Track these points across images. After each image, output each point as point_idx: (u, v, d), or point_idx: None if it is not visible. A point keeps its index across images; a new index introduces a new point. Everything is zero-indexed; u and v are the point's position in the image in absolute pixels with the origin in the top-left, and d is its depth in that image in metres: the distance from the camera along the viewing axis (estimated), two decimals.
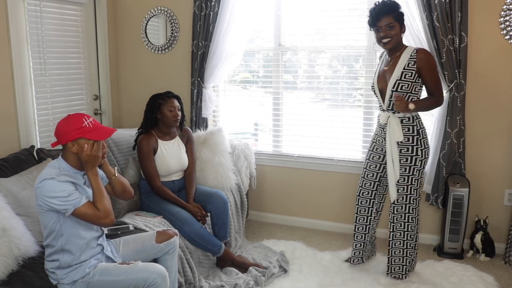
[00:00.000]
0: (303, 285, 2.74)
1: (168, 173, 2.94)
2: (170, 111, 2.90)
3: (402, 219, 2.65)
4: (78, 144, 1.91)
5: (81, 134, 1.90)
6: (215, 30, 3.44)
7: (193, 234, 2.72)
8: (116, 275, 1.97)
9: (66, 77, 3.42)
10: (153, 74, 3.90)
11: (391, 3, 2.50)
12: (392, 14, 2.47)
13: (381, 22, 2.47)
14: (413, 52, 2.48)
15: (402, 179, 2.58)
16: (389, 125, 2.55)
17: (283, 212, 3.81)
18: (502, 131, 3.08)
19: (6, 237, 2.00)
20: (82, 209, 1.86)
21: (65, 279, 1.95)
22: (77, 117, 1.95)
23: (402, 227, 2.66)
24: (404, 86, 2.47)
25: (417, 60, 2.46)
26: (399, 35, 2.50)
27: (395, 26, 2.47)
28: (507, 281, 2.81)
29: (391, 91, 2.51)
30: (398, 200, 2.61)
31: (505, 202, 3.15)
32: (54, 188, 1.84)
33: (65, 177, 1.89)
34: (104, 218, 1.89)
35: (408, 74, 2.46)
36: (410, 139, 2.54)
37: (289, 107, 3.73)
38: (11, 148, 2.86)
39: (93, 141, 1.93)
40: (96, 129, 1.95)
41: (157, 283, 1.99)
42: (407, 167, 2.55)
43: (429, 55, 2.50)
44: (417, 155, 2.53)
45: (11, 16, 2.85)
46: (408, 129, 2.52)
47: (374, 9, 2.52)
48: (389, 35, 2.47)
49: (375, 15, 2.50)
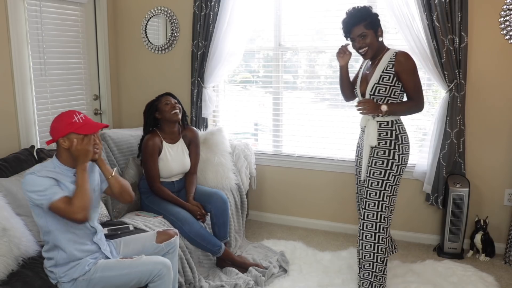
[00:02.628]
0: (303, 285, 2.74)
1: (170, 176, 2.94)
2: (166, 104, 2.89)
3: (372, 228, 2.46)
4: (68, 139, 1.92)
5: (71, 129, 1.92)
6: (215, 30, 3.44)
7: (193, 234, 2.72)
8: (120, 269, 1.98)
9: (66, 77, 3.42)
10: (153, 74, 3.90)
11: (360, 11, 2.41)
12: (362, 22, 2.37)
13: (353, 33, 2.40)
14: (392, 55, 2.39)
15: (376, 183, 2.43)
16: (367, 128, 2.47)
17: (283, 212, 3.81)
18: (502, 131, 3.08)
19: (6, 237, 2.00)
20: (56, 203, 1.86)
21: (64, 277, 1.95)
22: (68, 113, 1.97)
23: (372, 238, 2.47)
24: (382, 89, 2.39)
25: (395, 63, 2.36)
26: (375, 42, 2.40)
27: (368, 35, 2.38)
28: (507, 281, 2.81)
29: (369, 95, 2.44)
30: (369, 206, 2.45)
31: (505, 202, 3.15)
32: (32, 182, 1.86)
33: (46, 172, 1.90)
34: (75, 213, 1.85)
35: (386, 78, 2.37)
36: (387, 143, 2.42)
37: (289, 107, 3.73)
38: (11, 148, 2.86)
39: (83, 135, 1.94)
40: (86, 124, 1.97)
41: (162, 273, 2.00)
42: (382, 170, 2.42)
43: (408, 58, 2.38)
44: (393, 159, 2.41)
45: (11, 16, 2.85)
46: (386, 133, 2.42)
47: (344, 20, 2.44)
48: (363, 45, 2.39)
49: (346, 27, 2.43)
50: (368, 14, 2.40)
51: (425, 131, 3.34)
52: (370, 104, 2.38)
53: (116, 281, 1.98)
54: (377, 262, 2.49)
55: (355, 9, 2.43)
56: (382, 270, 2.50)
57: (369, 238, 2.49)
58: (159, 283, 2.03)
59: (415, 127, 3.43)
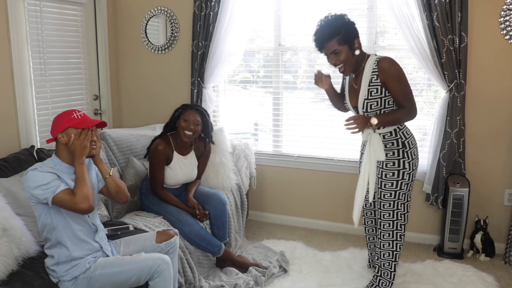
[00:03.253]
0: (303, 285, 2.74)
1: (175, 184, 2.94)
2: (184, 120, 2.79)
3: (389, 237, 2.43)
4: (66, 134, 1.96)
5: (69, 124, 1.95)
6: (215, 30, 3.44)
7: (193, 235, 2.72)
8: (119, 265, 1.99)
9: (66, 77, 3.42)
10: (153, 74, 3.90)
11: (332, 23, 2.19)
12: (335, 37, 2.17)
13: (325, 49, 2.22)
14: (374, 64, 2.21)
15: (389, 194, 2.35)
16: (369, 142, 2.32)
17: (283, 212, 3.81)
18: (502, 131, 3.08)
19: (6, 237, 2.01)
20: (60, 195, 1.87)
21: (66, 276, 1.96)
22: (68, 111, 2.01)
23: (390, 247, 2.45)
24: (374, 104, 2.24)
25: (379, 72, 2.19)
26: (350, 58, 2.21)
27: (342, 51, 2.18)
28: (507, 281, 2.81)
29: (362, 112, 2.30)
30: (384, 216, 2.40)
31: (505, 202, 3.15)
32: (34, 177, 1.88)
33: (48, 168, 1.93)
34: (80, 203, 1.87)
35: (374, 91, 2.22)
36: (395, 153, 2.32)
37: (289, 107, 3.73)
38: (11, 148, 2.86)
39: (81, 130, 1.96)
40: (84, 120, 2.00)
41: (162, 269, 2.01)
42: (394, 181, 2.32)
43: (392, 63, 2.19)
44: (404, 168, 2.30)
45: (11, 16, 2.85)
46: (392, 143, 2.31)
47: (315, 34, 2.24)
48: (338, 62, 2.22)
49: (317, 43, 2.24)
50: (341, 26, 2.18)
51: (425, 131, 3.34)
52: (359, 121, 2.20)
53: (116, 277, 1.98)
54: (394, 270, 2.49)
55: (327, 21, 2.22)
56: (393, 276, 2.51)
57: (386, 247, 2.46)
58: (158, 280, 2.03)
59: (415, 127, 3.42)
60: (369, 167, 2.36)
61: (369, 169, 2.36)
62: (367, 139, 2.35)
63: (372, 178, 2.38)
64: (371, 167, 2.35)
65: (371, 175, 2.37)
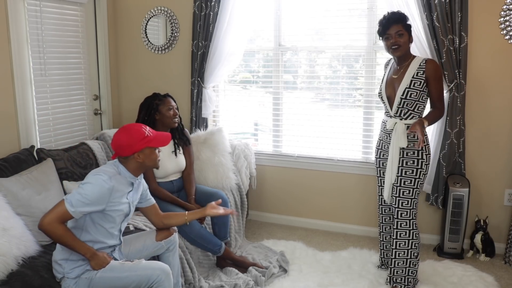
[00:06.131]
0: (303, 285, 2.74)
1: (166, 175, 2.93)
2: (169, 109, 2.89)
3: (406, 226, 2.60)
4: (143, 154, 2.04)
5: (146, 144, 2.03)
6: (215, 30, 3.45)
7: (194, 235, 2.72)
8: (119, 272, 1.99)
9: (66, 77, 3.42)
10: (153, 74, 3.90)
11: (400, 13, 2.60)
12: (401, 22, 2.55)
13: (390, 30, 2.54)
14: (422, 62, 2.55)
15: (409, 181, 2.57)
16: (395, 131, 2.58)
17: (283, 212, 3.81)
18: (502, 131, 3.08)
19: (6, 237, 2.01)
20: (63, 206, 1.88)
21: (71, 273, 1.97)
22: (137, 127, 2.06)
23: (407, 235, 2.61)
24: (413, 94, 2.53)
25: (426, 69, 2.52)
26: (407, 44, 2.57)
27: (404, 34, 2.54)
28: (507, 281, 2.81)
29: (400, 98, 2.55)
30: (402, 204, 2.60)
31: (505, 202, 3.15)
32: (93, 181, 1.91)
33: (115, 181, 1.96)
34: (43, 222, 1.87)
35: (417, 83, 2.52)
36: (415, 144, 2.56)
37: (289, 107, 3.73)
38: (11, 148, 2.86)
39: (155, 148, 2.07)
40: (157, 137, 2.08)
41: (161, 280, 2.01)
42: (414, 169, 2.57)
43: (437, 66, 2.57)
44: (422, 159, 2.57)
45: (11, 16, 2.85)
46: (414, 135, 2.56)
47: (384, 17, 2.60)
48: (398, 42, 2.53)
49: (385, 23, 2.58)
50: (407, 19, 2.59)
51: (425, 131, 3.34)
52: (419, 127, 2.46)
53: (115, 283, 1.98)
54: (411, 258, 2.63)
55: (394, 12, 2.61)
56: (415, 264, 2.65)
57: (403, 236, 2.62)
58: None
59: None
60: (393, 152, 2.59)
61: (393, 154, 2.60)
62: (393, 128, 2.61)
63: (396, 162, 2.59)
64: (394, 152, 2.59)
65: (394, 160, 2.59)
